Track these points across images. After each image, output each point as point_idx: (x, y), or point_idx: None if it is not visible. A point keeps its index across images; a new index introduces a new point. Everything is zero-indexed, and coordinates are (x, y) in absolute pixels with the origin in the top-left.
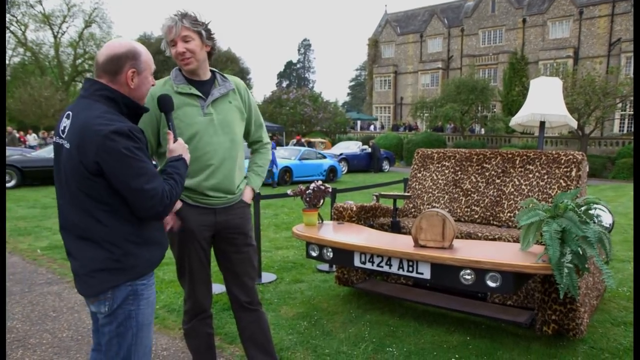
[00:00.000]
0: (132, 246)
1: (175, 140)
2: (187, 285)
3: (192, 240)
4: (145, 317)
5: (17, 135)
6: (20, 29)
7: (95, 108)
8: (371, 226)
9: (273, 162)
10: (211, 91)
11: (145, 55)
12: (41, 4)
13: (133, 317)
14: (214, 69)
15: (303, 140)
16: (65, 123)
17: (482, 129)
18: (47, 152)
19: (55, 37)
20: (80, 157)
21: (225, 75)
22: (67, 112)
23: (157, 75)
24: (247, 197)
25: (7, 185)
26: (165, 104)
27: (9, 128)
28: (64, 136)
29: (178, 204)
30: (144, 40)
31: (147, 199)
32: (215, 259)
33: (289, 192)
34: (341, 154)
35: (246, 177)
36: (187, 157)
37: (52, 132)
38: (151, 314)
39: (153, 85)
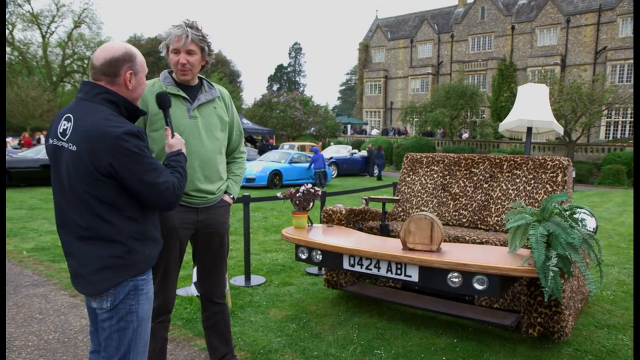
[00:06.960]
0: (135, 243)
1: (172, 136)
2: (156, 284)
3: (173, 238)
4: (145, 312)
5: (22, 140)
6: (8, 28)
7: (100, 111)
8: (360, 229)
9: (323, 163)
10: (197, 96)
11: (140, 57)
12: (29, 4)
13: (134, 312)
14: (201, 76)
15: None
16: (66, 125)
17: (465, 134)
18: (34, 153)
19: (43, 37)
20: (91, 159)
21: (212, 82)
22: (66, 115)
23: (147, 76)
24: (227, 201)
25: None
26: (163, 101)
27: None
28: (65, 139)
29: None
30: (134, 41)
31: (161, 192)
32: (192, 255)
33: (278, 194)
34: (331, 158)
35: (227, 182)
36: (184, 151)
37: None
38: (150, 309)
39: (145, 85)
